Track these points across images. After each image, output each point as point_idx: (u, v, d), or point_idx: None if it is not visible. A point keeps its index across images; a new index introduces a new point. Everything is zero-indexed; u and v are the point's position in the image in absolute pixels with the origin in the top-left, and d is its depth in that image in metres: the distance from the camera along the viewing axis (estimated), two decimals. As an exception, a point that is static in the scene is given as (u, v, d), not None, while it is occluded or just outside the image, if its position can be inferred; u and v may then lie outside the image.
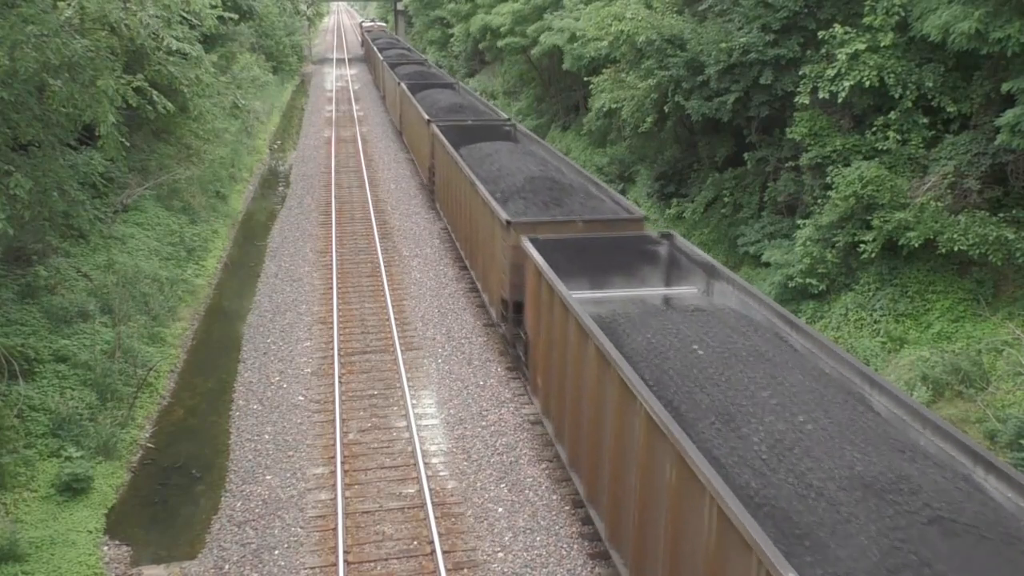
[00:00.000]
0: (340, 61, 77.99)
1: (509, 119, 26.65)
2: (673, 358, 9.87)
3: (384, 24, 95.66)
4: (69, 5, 12.72)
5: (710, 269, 12.90)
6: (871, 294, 15.88)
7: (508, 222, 14.93)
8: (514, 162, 19.42)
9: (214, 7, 20.37)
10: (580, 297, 12.02)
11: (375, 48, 59.12)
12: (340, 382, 15.61)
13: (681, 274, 13.68)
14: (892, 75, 15.87)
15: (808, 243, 16.84)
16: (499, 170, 18.98)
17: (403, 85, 35.00)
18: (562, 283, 11.60)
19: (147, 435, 14.28)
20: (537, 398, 13.42)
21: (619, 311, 11.67)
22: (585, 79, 28.28)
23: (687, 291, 13.27)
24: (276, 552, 11.09)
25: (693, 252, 13.41)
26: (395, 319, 18.43)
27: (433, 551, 10.96)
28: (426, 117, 26.78)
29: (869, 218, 15.59)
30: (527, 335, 13.99)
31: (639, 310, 11.75)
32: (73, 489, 12.07)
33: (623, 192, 25.88)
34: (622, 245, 13.99)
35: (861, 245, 15.67)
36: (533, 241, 13.33)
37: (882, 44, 15.97)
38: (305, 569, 10.77)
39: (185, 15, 17.38)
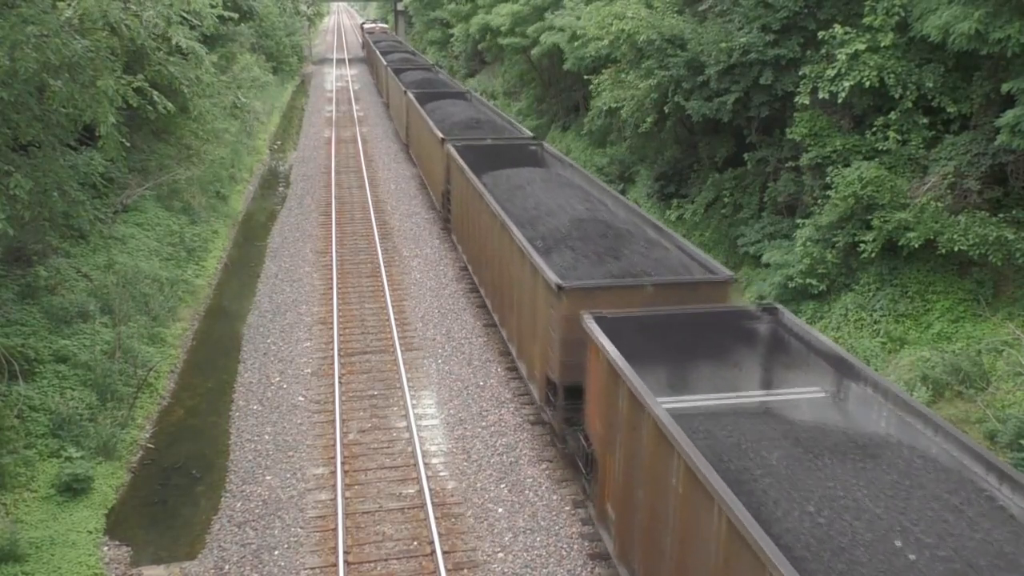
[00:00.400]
0: (340, 61, 77.99)
1: (535, 137, 23.68)
2: (867, 563, 6.26)
3: (386, 25, 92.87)
4: (69, 5, 12.71)
5: (840, 363, 9.55)
6: (871, 294, 15.87)
7: (560, 287, 11.78)
8: (551, 196, 16.52)
9: (214, 6, 20.37)
10: (668, 407, 8.62)
11: (377, 52, 55.86)
12: (340, 382, 15.60)
13: (791, 363, 10.39)
14: (892, 75, 15.87)
15: (808, 243, 16.84)
16: (536, 207, 16.01)
17: (410, 95, 31.78)
18: (656, 400, 8.47)
19: (147, 435, 14.28)
20: (607, 532, 10.32)
21: (751, 455, 7.97)
22: (585, 78, 28.26)
23: (808, 395, 9.82)
24: (276, 552, 11.10)
25: (811, 336, 10.13)
26: (395, 319, 18.43)
27: (433, 551, 10.96)
28: (439, 135, 23.76)
29: (869, 218, 15.58)
30: (590, 444, 10.72)
31: (784, 454, 7.85)
32: (73, 489, 12.07)
33: (623, 192, 25.86)
34: (710, 322, 10.80)
35: (861, 245, 15.67)
36: (599, 320, 10.35)
37: (882, 44, 15.97)
38: (305, 569, 10.77)
39: (186, 16, 17.36)
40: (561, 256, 13.49)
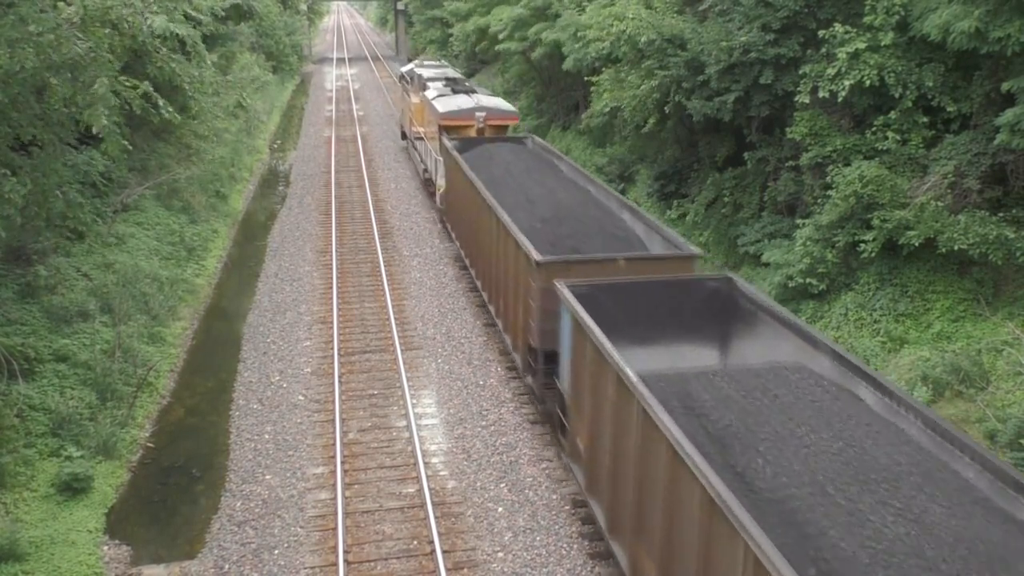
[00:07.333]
0: (340, 60, 77.97)
1: None
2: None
3: (514, 112, 26.78)
4: (70, 4, 12.69)
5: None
6: (871, 294, 15.87)
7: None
8: None
9: (222, 12, 20.33)
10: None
11: (473, 177, 18.35)
12: (340, 382, 15.60)
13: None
14: (892, 74, 15.85)
15: (808, 243, 16.83)
16: None
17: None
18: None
19: (147, 434, 14.28)
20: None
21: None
22: (586, 79, 28.19)
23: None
24: (276, 552, 11.09)
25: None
26: (395, 319, 18.43)
27: (433, 551, 10.96)
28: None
29: (869, 218, 15.57)
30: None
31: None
32: (73, 489, 12.06)
33: (623, 192, 25.84)
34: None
35: (861, 245, 15.65)
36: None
37: (882, 43, 15.95)
38: (305, 569, 10.77)
39: (187, 14, 17.34)
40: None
